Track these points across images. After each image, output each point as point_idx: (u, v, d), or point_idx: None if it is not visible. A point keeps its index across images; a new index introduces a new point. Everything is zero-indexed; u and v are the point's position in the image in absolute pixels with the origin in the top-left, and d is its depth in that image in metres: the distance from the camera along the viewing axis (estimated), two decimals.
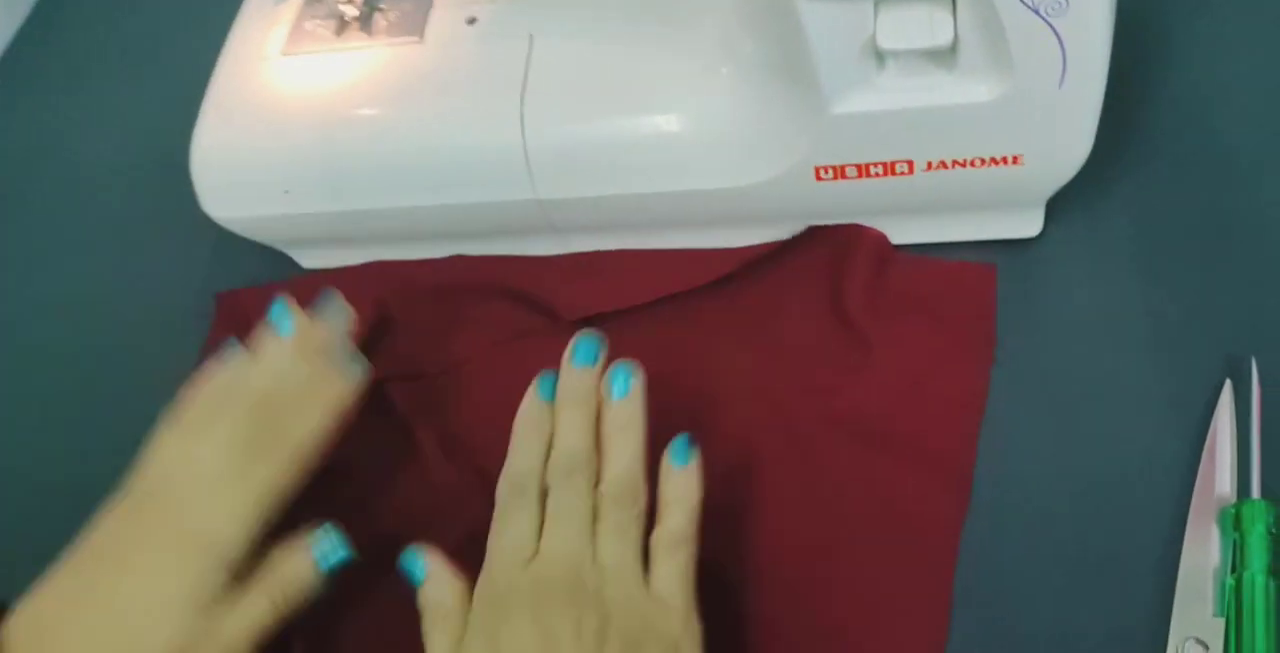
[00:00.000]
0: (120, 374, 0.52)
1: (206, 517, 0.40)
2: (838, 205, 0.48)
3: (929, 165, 0.45)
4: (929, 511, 0.44)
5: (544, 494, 0.39)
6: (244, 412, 0.41)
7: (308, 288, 0.53)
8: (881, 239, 0.49)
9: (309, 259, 0.53)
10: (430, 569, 0.39)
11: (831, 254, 0.49)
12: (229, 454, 0.41)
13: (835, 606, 0.42)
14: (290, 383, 0.43)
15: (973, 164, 0.45)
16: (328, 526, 0.42)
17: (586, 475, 0.39)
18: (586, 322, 0.50)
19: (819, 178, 0.46)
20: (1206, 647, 0.39)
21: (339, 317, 0.45)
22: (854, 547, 0.43)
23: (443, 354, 0.50)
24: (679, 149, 0.46)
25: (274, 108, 0.48)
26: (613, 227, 0.50)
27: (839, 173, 0.45)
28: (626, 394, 0.41)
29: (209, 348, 0.52)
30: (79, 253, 0.57)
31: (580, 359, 0.41)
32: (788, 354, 0.48)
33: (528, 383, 0.48)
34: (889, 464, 0.45)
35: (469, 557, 0.44)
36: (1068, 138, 0.44)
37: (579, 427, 0.40)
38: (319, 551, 0.41)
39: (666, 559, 0.38)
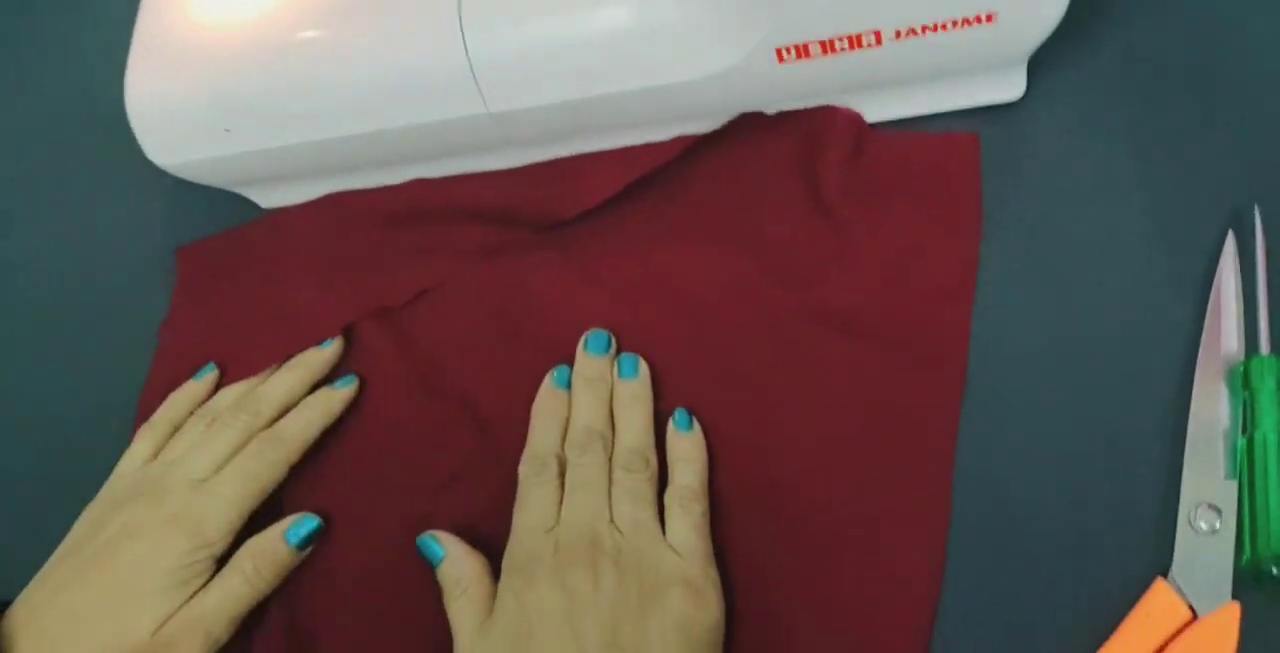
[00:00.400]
0: (85, 333, 0.50)
1: (192, 503, 0.42)
2: (805, 87, 0.45)
3: (897, 34, 0.42)
4: (924, 398, 0.43)
5: (563, 471, 0.42)
6: (240, 424, 0.44)
7: (266, 231, 0.51)
8: (855, 119, 0.47)
9: (266, 198, 0.52)
10: (449, 547, 0.42)
11: (804, 140, 0.47)
12: (223, 455, 0.44)
13: (834, 503, 0.42)
14: (283, 392, 0.46)
15: (944, 27, 0.42)
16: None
17: (601, 448, 0.42)
18: (558, 228, 0.48)
19: (781, 60, 0.43)
20: (1220, 511, 0.39)
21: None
22: (848, 442, 0.42)
23: (411, 283, 0.49)
24: (630, 45, 0.43)
25: (202, 43, 0.46)
26: (572, 134, 0.47)
27: (802, 52, 0.43)
28: (636, 375, 0.44)
29: (178, 304, 0.51)
30: (30, 211, 0.56)
31: (594, 348, 0.45)
32: (767, 249, 0.46)
33: (503, 303, 0.48)
34: (879, 354, 0.43)
35: (455, 494, 0.44)
36: None
37: (594, 404, 0.44)
38: (290, 524, 0.43)
39: (681, 513, 0.41)
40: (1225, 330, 0.42)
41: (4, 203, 0.56)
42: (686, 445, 0.43)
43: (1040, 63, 0.46)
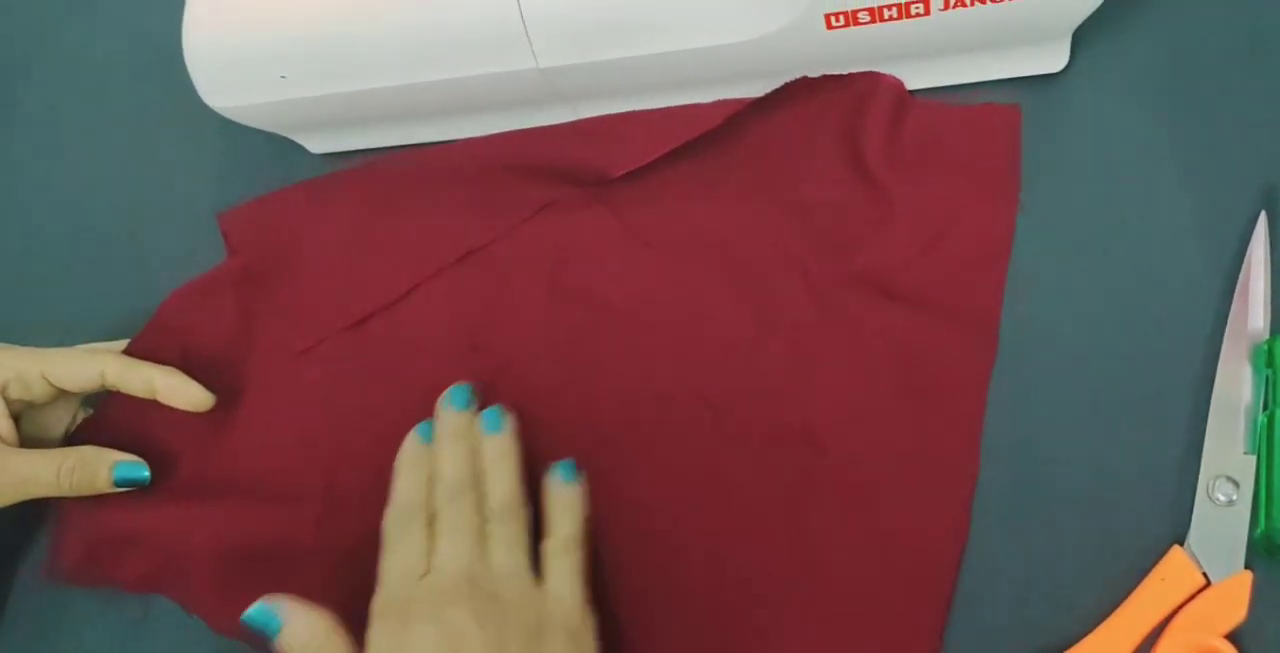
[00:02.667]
0: (134, 272, 0.51)
1: None
2: (852, 54, 0.46)
3: (946, 4, 0.43)
4: (955, 362, 0.43)
5: (430, 521, 0.41)
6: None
7: (308, 194, 0.51)
8: (898, 86, 0.47)
9: (315, 143, 0.52)
10: (285, 611, 0.39)
11: (847, 105, 0.47)
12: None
13: (864, 461, 0.43)
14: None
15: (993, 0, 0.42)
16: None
17: (472, 497, 0.41)
18: (604, 184, 0.49)
19: (830, 26, 0.44)
20: (1237, 484, 0.40)
21: None
22: (879, 402, 0.43)
23: (458, 243, 0.49)
24: (682, 5, 0.44)
25: None
26: (621, 91, 0.48)
27: (851, 19, 0.43)
28: (500, 430, 0.43)
29: (226, 268, 0.50)
30: (84, 151, 0.57)
31: (455, 403, 0.44)
32: (807, 213, 0.47)
33: (549, 261, 0.48)
34: (913, 319, 0.44)
35: None
36: None
37: (459, 458, 0.42)
38: (123, 460, 0.45)
39: (559, 562, 0.40)
40: (1253, 309, 0.42)
41: (60, 142, 0.57)
42: (568, 495, 0.42)
43: (1083, 36, 0.46)
